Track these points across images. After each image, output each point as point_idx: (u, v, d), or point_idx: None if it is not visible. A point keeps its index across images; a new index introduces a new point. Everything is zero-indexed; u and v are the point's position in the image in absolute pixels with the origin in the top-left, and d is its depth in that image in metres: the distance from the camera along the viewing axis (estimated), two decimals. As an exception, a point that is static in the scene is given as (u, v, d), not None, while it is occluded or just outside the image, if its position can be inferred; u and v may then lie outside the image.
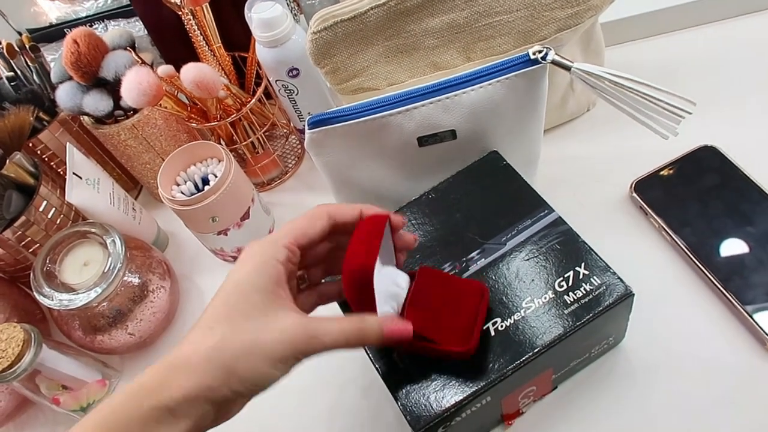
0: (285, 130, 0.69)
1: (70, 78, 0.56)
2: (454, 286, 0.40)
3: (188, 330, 0.32)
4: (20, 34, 0.71)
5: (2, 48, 0.59)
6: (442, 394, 0.38)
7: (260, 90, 0.59)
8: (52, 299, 0.51)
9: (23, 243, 0.56)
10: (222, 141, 0.63)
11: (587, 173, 0.57)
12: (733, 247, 0.48)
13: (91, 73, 0.55)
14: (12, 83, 0.59)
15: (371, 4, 0.47)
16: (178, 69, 0.53)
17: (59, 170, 0.64)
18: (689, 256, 0.48)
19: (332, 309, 0.40)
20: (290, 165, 0.68)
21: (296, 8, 0.61)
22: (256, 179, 0.65)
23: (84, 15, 0.70)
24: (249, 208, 0.57)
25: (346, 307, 0.42)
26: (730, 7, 0.64)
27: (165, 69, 0.52)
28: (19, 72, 0.60)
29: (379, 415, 0.48)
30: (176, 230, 0.67)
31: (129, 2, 0.67)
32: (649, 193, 0.52)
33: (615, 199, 0.54)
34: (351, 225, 0.36)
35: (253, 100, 0.58)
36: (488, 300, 0.40)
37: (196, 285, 0.62)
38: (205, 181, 0.57)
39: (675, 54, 0.64)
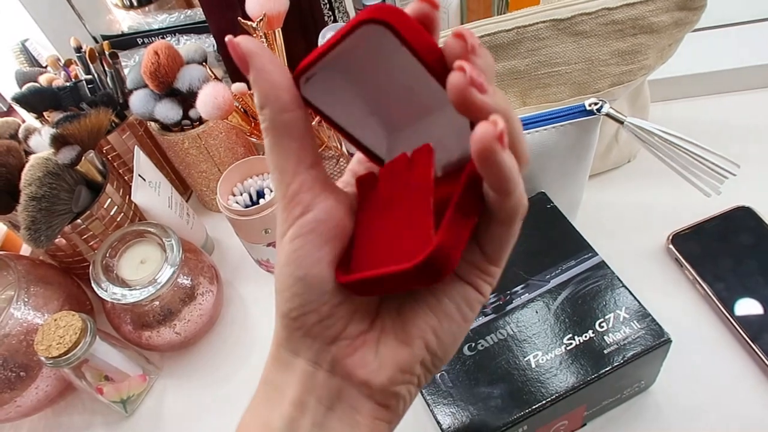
0: (336, 153, 0.72)
1: (145, 86, 0.60)
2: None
3: (230, 332, 0.33)
4: (95, 39, 0.76)
5: (84, 52, 0.63)
6: (483, 417, 0.40)
7: (320, 113, 0.62)
8: (107, 291, 0.53)
9: (84, 237, 0.59)
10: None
11: (625, 222, 0.59)
12: (765, 305, 0.50)
13: (167, 84, 0.58)
14: (89, 86, 0.63)
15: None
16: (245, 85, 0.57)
17: (120, 171, 0.67)
18: (721, 310, 0.50)
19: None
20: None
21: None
22: (303, 196, 0.68)
23: (156, 27, 0.75)
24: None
25: None
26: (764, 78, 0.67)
27: (238, 86, 0.56)
28: (96, 76, 0.64)
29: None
30: (221, 238, 0.70)
31: (202, 19, 0.71)
32: (686, 246, 0.55)
33: (651, 249, 0.57)
34: None
35: (313, 123, 0.61)
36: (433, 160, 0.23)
37: (238, 292, 0.65)
38: (260, 194, 0.60)
39: (715, 115, 0.67)
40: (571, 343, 0.42)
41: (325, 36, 0.56)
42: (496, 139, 0.18)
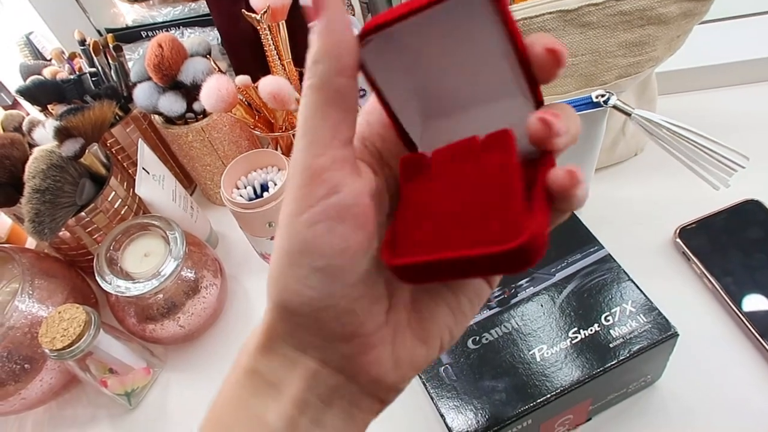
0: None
1: (149, 78, 0.60)
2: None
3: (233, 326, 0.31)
4: (99, 32, 0.76)
5: (89, 45, 0.63)
6: (487, 411, 0.39)
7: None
8: (111, 284, 0.53)
9: (88, 229, 0.59)
10: (280, 149, 0.66)
11: (632, 215, 0.59)
12: (773, 300, 0.49)
13: (171, 76, 0.58)
14: (93, 79, 0.63)
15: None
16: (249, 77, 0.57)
17: (124, 164, 0.67)
18: (729, 305, 0.50)
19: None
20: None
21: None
22: (308, 190, 0.68)
23: (161, 20, 0.75)
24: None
25: None
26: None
27: (242, 79, 0.56)
28: (100, 69, 0.64)
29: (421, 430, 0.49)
30: (225, 232, 0.70)
31: (206, 12, 0.71)
32: (693, 240, 0.54)
33: (659, 243, 0.56)
34: None
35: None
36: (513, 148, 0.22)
37: (242, 285, 0.65)
38: (264, 188, 0.60)
39: (723, 108, 0.66)
40: (576, 337, 0.42)
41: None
42: (574, 186, 0.20)
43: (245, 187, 0.60)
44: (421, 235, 0.21)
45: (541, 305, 0.44)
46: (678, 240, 0.54)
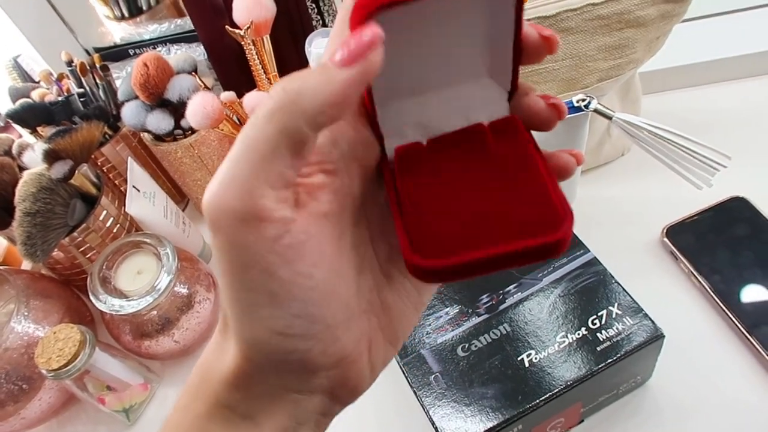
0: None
1: (136, 97, 0.60)
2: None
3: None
4: (87, 52, 0.76)
5: (76, 66, 0.63)
6: (477, 418, 0.40)
7: (311, 118, 0.62)
8: (105, 303, 0.54)
9: (81, 249, 0.59)
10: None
11: (620, 216, 0.59)
12: (761, 295, 0.50)
13: (157, 95, 0.58)
14: (81, 99, 0.63)
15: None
16: (236, 93, 0.57)
17: (116, 182, 0.68)
18: (717, 303, 0.50)
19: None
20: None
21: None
22: (299, 201, 0.68)
23: (148, 38, 0.75)
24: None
25: None
26: (761, 65, 0.67)
27: (227, 95, 0.56)
28: (88, 89, 0.64)
29: (409, 436, 0.50)
30: (219, 245, 0.71)
31: (192, 29, 0.72)
32: (681, 238, 0.54)
33: (646, 243, 0.56)
34: None
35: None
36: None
37: (237, 298, 0.65)
38: (254, 201, 0.60)
39: (708, 105, 0.67)
40: (564, 341, 0.42)
41: (313, 41, 0.56)
42: (578, 164, 0.22)
43: (235, 201, 0.60)
44: (446, 232, 0.20)
45: (529, 311, 0.44)
46: (665, 239, 0.55)
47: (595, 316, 0.43)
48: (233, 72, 0.67)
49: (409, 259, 0.19)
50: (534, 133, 0.23)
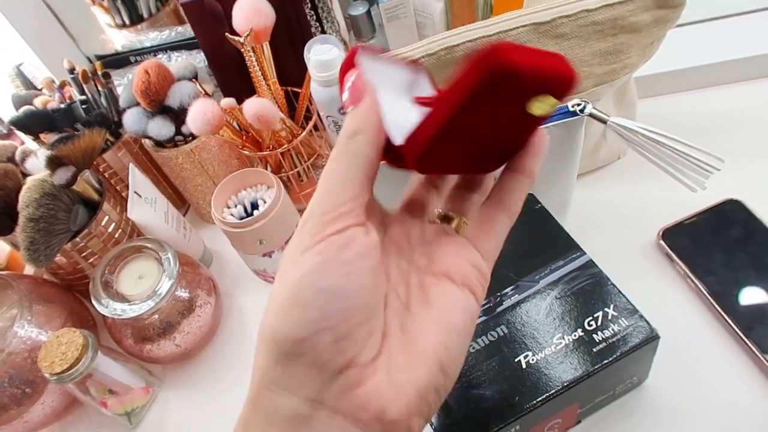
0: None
1: (138, 104, 0.61)
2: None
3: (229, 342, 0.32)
4: (89, 59, 0.77)
5: (77, 74, 0.64)
6: (475, 420, 0.40)
7: (311, 124, 0.63)
8: (107, 307, 0.55)
9: (83, 254, 0.60)
10: (269, 168, 0.67)
11: (616, 218, 0.60)
12: (755, 297, 0.50)
13: (158, 101, 0.59)
14: (83, 106, 0.64)
15: (423, 53, 0.51)
16: (235, 100, 0.58)
17: (117, 187, 0.69)
18: (713, 304, 0.51)
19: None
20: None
21: (344, 48, 0.66)
22: (299, 206, 0.69)
23: (148, 45, 0.76)
24: (293, 232, 0.61)
25: None
26: (755, 69, 0.68)
27: (227, 101, 0.57)
28: (89, 96, 0.65)
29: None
30: (220, 249, 0.71)
31: (193, 36, 0.72)
32: (676, 241, 0.55)
33: (642, 245, 0.57)
34: None
35: (304, 133, 0.62)
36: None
37: (237, 303, 0.66)
38: (254, 206, 0.61)
39: (703, 109, 0.67)
40: (560, 343, 0.42)
41: (311, 48, 0.57)
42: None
43: (236, 206, 0.61)
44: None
45: (526, 313, 0.45)
46: (661, 241, 0.55)
47: (591, 318, 0.43)
48: (233, 78, 0.68)
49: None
50: None
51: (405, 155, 0.25)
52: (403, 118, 0.25)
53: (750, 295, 0.50)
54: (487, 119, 0.24)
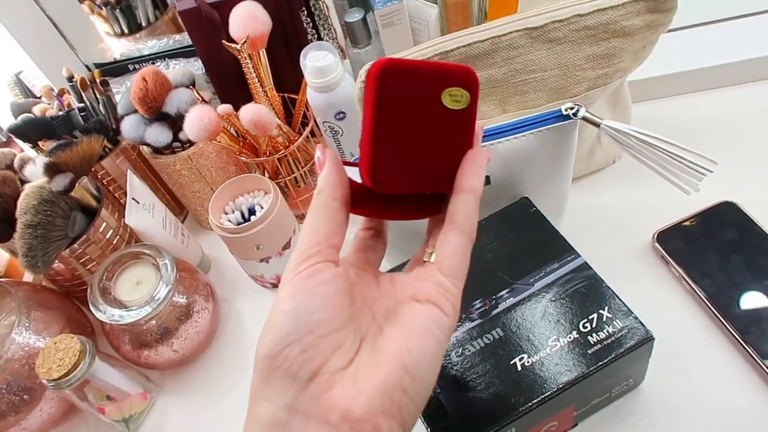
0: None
1: (135, 111, 0.61)
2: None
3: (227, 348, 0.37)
4: (88, 67, 0.78)
5: (76, 81, 0.65)
6: (471, 423, 0.40)
7: (307, 130, 0.64)
8: (105, 313, 0.55)
9: (81, 260, 0.60)
10: (267, 173, 0.68)
11: (612, 222, 0.60)
12: (751, 299, 0.50)
13: (156, 108, 0.60)
14: (82, 114, 0.64)
15: (418, 58, 0.52)
16: (232, 106, 0.59)
17: (116, 194, 0.69)
18: (708, 306, 0.51)
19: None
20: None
21: (341, 54, 0.66)
22: (296, 211, 0.69)
23: (147, 53, 0.76)
24: (291, 238, 0.61)
25: None
26: (749, 72, 0.68)
27: (224, 108, 0.57)
28: (88, 104, 0.66)
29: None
30: (218, 255, 0.72)
31: (190, 44, 0.73)
32: (671, 243, 0.55)
33: (637, 248, 0.57)
34: None
35: (300, 139, 0.63)
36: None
37: (235, 308, 0.66)
38: (251, 211, 0.61)
39: (698, 112, 0.68)
40: (556, 345, 0.43)
41: (308, 54, 0.58)
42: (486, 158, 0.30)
43: (233, 212, 0.61)
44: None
45: (522, 315, 0.45)
46: (656, 244, 0.56)
47: (586, 320, 0.43)
48: (230, 85, 0.68)
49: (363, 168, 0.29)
50: (523, 140, 0.38)
51: (363, 179, 0.29)
52: (352, 170, 0.31)
53: (745, 297, 0.50)
54: (413, 121, 0.28)
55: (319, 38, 0.71)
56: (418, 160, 0.30)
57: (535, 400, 0.40)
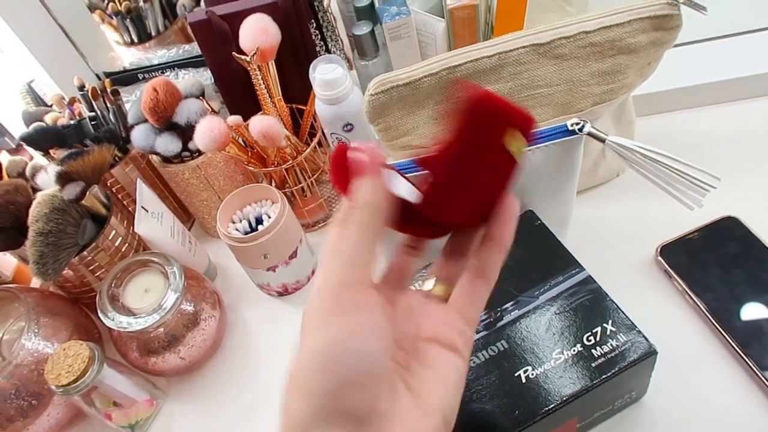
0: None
1: (146, 120, 0.62)
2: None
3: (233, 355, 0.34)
4: (98, 76, 0.79)
5: (87, 91, 0.66)
6: (476, 433, 0.41)
7: (315, 140, 0.64)
8: (113, 320, 0.55)
9: (90, 268, 0.61)
10: (274, 183, 0.69)
11: (615, 235, 0.61)
12: (753, 313, 0.51)
13: (166, 118, 0.61)
14: (92, 122, 0.65)
15: (425, 72, 0.52)
16: (241, 117, 0.59)
17: (125, 202, 0.70)
18: (710, 320, 0.51)
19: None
20: (335, 209, 0.73)
21: (347, 65, 0.67)
22: (302, 221, 0.70)
23: (156, 62, 0.77)
24: (297, 248, 0.62)
25: None
26: (751, 88, 0.69)
27: (234, 119, 0.58)
28: (99, 113, 0.67)
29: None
30: (224, 263, 0.72)
31: (200, 53, 0.74)
32: (674, 257, 0.56)
33: (641, 261, 0.58)
34: None
35: (308, 150, 0.63)
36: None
37: (241, 316, 0.67)
38: (258, 221, 0.62)
39: (700, 127, 0.68)
40: (560, 358, 0.43)
41: (316, 67, 0.59)
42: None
43: (240, 221, 0.62)
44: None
45: (526, 327, 0.45)
46: (659, 258, 0.56)
47: (590, 333, 0.44)
48: (239, 96, 0.69)
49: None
50: (529, 154, 0.33)
51: (422, 203, 0.29)
52: (403, 182, 0.29)
53: (747, 312, 0.51)
54: (479, 157, 0.27)
55: (327, 51, 0.72)
56: (469, 196, 0.30)
57: (539, 412, 0.41)
